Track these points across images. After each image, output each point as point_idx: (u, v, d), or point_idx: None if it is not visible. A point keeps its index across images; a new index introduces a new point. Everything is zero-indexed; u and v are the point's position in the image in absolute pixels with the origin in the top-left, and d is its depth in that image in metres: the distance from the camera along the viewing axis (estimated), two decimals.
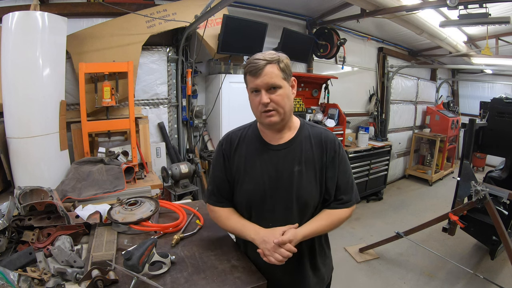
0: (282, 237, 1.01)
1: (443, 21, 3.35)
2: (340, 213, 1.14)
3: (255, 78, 1.04)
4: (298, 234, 1.04)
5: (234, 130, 1.25)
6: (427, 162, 6.28)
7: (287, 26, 3.55)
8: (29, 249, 1.08)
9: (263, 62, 1.03)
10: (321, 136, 1.15)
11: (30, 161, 1.89)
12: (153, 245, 1.01)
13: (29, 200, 1.28)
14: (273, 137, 1.14)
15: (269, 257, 1.01)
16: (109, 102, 2.31)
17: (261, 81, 1.03)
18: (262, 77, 1.03)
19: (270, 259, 1.01)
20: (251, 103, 1.10)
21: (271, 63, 1.04)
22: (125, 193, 1.98)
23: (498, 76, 6.70)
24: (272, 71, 1.03)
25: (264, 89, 1.04)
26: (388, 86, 5.40)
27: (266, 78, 1.03)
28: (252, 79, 1.05)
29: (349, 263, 3.13)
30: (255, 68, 1.03)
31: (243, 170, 1.14)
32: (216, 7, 2.10)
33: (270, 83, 1.03)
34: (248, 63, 1.06)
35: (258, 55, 1.06)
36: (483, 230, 2.92)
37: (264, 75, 1.03)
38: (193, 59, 2.92)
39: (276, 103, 1.05)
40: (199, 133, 3.24)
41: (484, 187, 2.42)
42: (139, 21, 2.54)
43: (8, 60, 1.84)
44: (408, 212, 4.44)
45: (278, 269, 1.13)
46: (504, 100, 2.99)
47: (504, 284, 2.64)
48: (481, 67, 5.82)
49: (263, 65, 1.03)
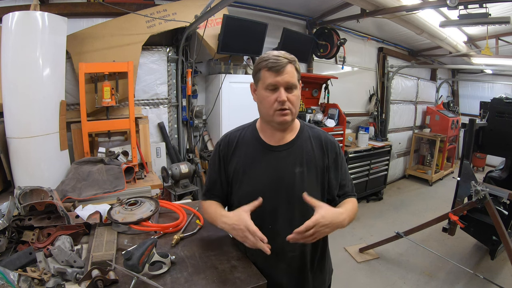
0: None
1: (443, 21, 3.36)
2: (354, 200, 1.17)
3: (276, 74, 1.02)
4: (334, 211, 1.01)
5: (233, 130, 1.24)
6: (427, 162, 6.28)
7: (287, 26, 3.55)
8: (29, 249, 1.07)
9: (285, 60, 1.03)
10: (321, 138, 1.16)
11: (30, 161, 1.89)
12: (153, 245, 1.01)
13: (29, 200, 1.27)
14: (274, 138, 1.14)
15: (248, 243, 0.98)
16: (109, 102, 2.31)
17: (282, 78, 1.02)
18: (284, 75, 1.02)
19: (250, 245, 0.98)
20: (264, 99, 1.06)
21: (291, 63, 1.04)
22: (125, 193, 1.98)
23: (498, 76, 6.70)
24: (292, 70, 1.04)
25: (283, 87, 1.03)
26: (388, 86, 5.40)
27: (287, 76, 1.02)
28: (272, 75, 1.03)
29: (349, 263, 3.13)
30: (277, 65, 1.01)
31: (242, 171, 1.14)
32: (216, 7, 2.10)
33: (290, 82, 1.03)
34: (266, 58, 1.04)
35: (276, 53, 1.05)
36: (483, 230, 2.92)
37: (286, 73, 1.02)
38: (193, 59, 2.92)
39: (291, 103, 1.05)
40: (199, 133, 3.24)
41: (484, 187, 2.42)
42: (139, 21, 2.54)
43: (8, 60, 1.84)
44: (408, 212, 4.44)
45: (278, 269, 1.13)
46: (504, 100, 2.99)
47: (504, 284, 2.64)
48: (481, 67, 5.82)
49: (286, 63, 1.02)
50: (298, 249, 1.12)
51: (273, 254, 1.12)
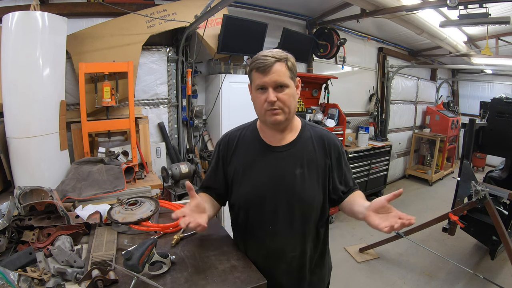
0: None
1: (443, 21, 3.36)
2: (362, 193, 1.18)
3: (263, 75, 1.01)
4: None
5: (233, 130, 1.23)
6: (427, 162, 6.28)
7: (287, 26, 3.55)
8: (29, 249, 1.07)
9: (272, 59, 1.00)
10: (323, 138, 1.15)
11: (30, 161, 1.89)
12: (153, 245, 1.01)
13: (29, 200, 1.27)
14: (274, 138, 1.13)
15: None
16: (109, 102, 2.30)
17: (269, 78, 1.00)
18: (271, 75, 1.00)
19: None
20: (256, 100, 1.07)
21: (280, 61, 1.01)
22: (125, 193, 1.98)
23: (498, 76, 6.70)
24: (281, 69, 1.01)
25: (271, 87, 1.01)
26: (388, 86, 5.40)
27: (275, 76, 1.00)
28: (260, 76, 1.02)
29: (349, 263, 3.13)
30: (263, 65, 1.00)
31: (242, 172, 1.13)
32: (216, 7, 2.10)
33: (278, 81, 1.01)
34: (255, 59, 1.03)
35: (266, 52, 1.03)
36: (483, 230, 2.92)
37: (273, 73, 1.00)
38: (193, 59, 2.92)
39: (283, 102, 1.03)
40: (199, 133, 3.24)
41: (484, 187, 2.42)
42: (139, 21, 2.54)
43: (8, 60, 1.83)
44: (408, 212, 4.33)
45: (279, 269, 1.13)
46: (504, 100, 2.99)
47: (504, 284, 2.64)
48: (481, 67, 5.82)
49: (272, 62, 1.00)
50: (298, 249, 1.12)
51: (273, 254, 1.13)
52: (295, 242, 1.11)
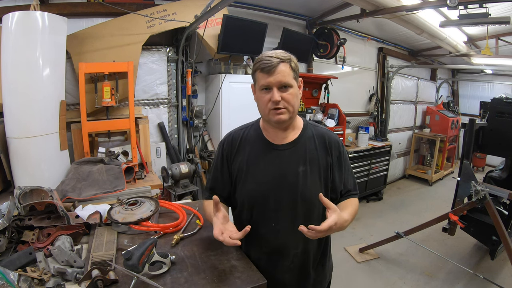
0: (327, 222, 0.92)
1: (443, 21, 3.36)
2: (356, 201, 1.17)
3: (268, 75, 1.03)
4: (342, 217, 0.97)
5: (236, 129, 1.25)
6: (427, 162, 6.28)
7: (287, 26, 3.55)
8: (29, 249, 1.07)
9: (277, 60, 1.02)
10: (325, 137, 1.16)
11: (30, 161, 1.89)
12: (153, 245, 1.01)
13: (29, 200, 1.27)
14: (277, 136, 1.14)
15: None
16: (109, 102, 2.31)
17: (274, 78, 1.02)
18: (275, 75, 1.02)
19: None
20: (260, 100, 1.09)
21: (284, 62, 1.03)
22: (125, 193, 1.98)
23: (498, 76, 6.70)
24: (285, 69, 1.03)
25: (276, 87, 1.03)
26: (388, 86, 5.40)
27: (279, 76, 1.02)
28: (265, 76, 1.04)
29: (349, 263, 3.13)
30: (268, 66, 1.02)
31: (246, 170, 1.14)
32: (216, 7, 2.10)
33: (283, 82, 1.03)
34: (260, 60, 1.05)
35: (270, 53, 1.05)
36: (483, 230, 2.91)
37: (278, 73, 1.02)
38: (193, 59, 2.92)
39: (287, 102, 1.05)
40: (199, 133, 3.24)
41: (484, 187, 2.42)
42: (139, 21, 2.54)
43: (8, 60, 1.84)
44: (408, 212, 4.44)
45: (281, 266, 1.14)
46: (504, 100, 2.99)
47: (504, 284, 2.64)
48: (481, 67, 5.82)
49: (277, 63, 1.02)
50: (301, 246, 1.13)
51: (276, 251, 1.13)
52: (298, 239, 1.12)
